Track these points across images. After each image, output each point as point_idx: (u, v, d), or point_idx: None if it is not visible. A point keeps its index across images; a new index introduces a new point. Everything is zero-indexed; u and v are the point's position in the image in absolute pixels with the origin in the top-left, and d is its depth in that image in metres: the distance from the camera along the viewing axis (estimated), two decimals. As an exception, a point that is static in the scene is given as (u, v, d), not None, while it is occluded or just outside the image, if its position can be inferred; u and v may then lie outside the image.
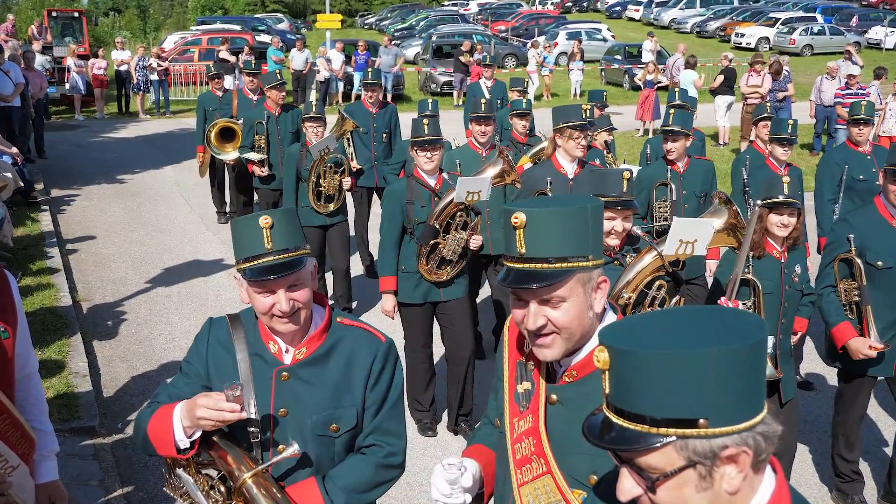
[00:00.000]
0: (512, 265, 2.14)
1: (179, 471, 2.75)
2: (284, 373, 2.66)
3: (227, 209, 12.09)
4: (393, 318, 6.17)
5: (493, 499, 2.50)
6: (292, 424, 2.65)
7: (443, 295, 5.96)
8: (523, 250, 2.10)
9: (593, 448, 2.11)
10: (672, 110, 6.54)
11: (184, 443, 2.57)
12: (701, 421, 1.49)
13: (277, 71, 9.69)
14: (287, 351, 2.69)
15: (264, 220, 2.55)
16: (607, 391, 1.60)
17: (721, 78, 18.56)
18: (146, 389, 6.78)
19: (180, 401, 2.61)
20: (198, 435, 2.57)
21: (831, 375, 6.73)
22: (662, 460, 1.53)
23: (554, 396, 2.26)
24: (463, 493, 2.34)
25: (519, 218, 2.09)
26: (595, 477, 2.16)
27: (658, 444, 1.51)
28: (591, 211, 2.14)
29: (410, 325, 6.09)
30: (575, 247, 2.10)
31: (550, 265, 2.08)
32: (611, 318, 2.29)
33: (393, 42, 26.34)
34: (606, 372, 1.58)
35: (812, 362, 7.22)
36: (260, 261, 2.54)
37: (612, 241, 4.17)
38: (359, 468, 2.69)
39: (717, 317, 1.62)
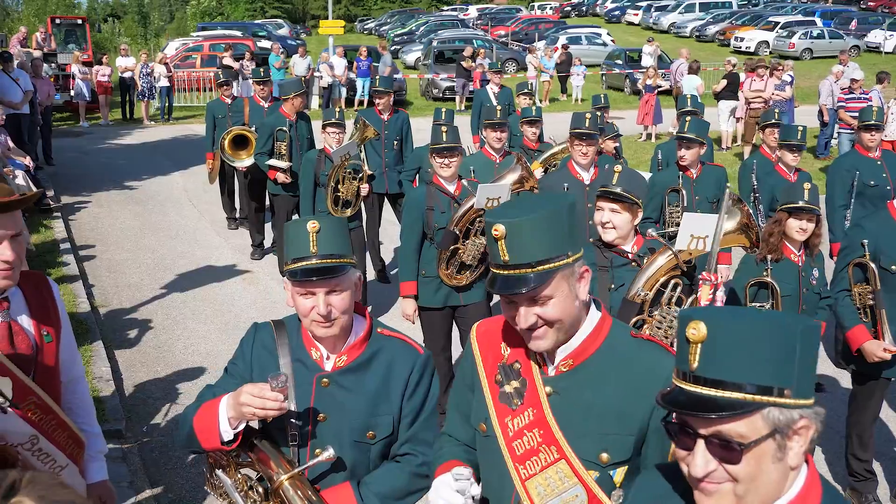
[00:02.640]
0: (498, 272, 2.27)
1: (219, 471, 2.85)
2: (325, 379, 2.75)
3: (237, 215, 12.20)
4: (413, 323, 6.28)
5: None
6: (330, 429, 2.73)
7: (462, 299, 6.07)
8: (507, 258, 2.22)
9: (601, 428, 2.28)
10: (688, 117, 6.65)
11: (228, 434, 2.64)
12: (787, 391, 1.60)
13: (303, 78, 9.74)
14: (328, 358, 2.78)
15: (312, 225, 2.67)
16: (695, 366, 1.66)
17: (724, 82, 18.67)
18: (167, 393, 6.89)
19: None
20: (242, 427, 2.65)
21: (842, 377, 6.84)
22: (750, 428, 1.61)
23: (549, 388, 2.37)
24: (473, 501, 2.38)
25: (499, 229, 2.21)
26: (606, 455, 2.29)
27: (751, 410, 1.60)
28: (566, 209, 2.27)
29: (430, 328, 6.20)
30: (554, 247, 2.23)
31: (534, 269, 2.21)
32: (594, 313, 2.40)
33: (385, 49, 26.33)
34: (698, 346, 1.65)
35: (822, 364, 7.33)
36: (304, 263, 2.65)
37: (606, 236, 4.22)
38: (394, 476, 2.77)
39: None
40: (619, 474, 2.32)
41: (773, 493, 1.67)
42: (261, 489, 2.72)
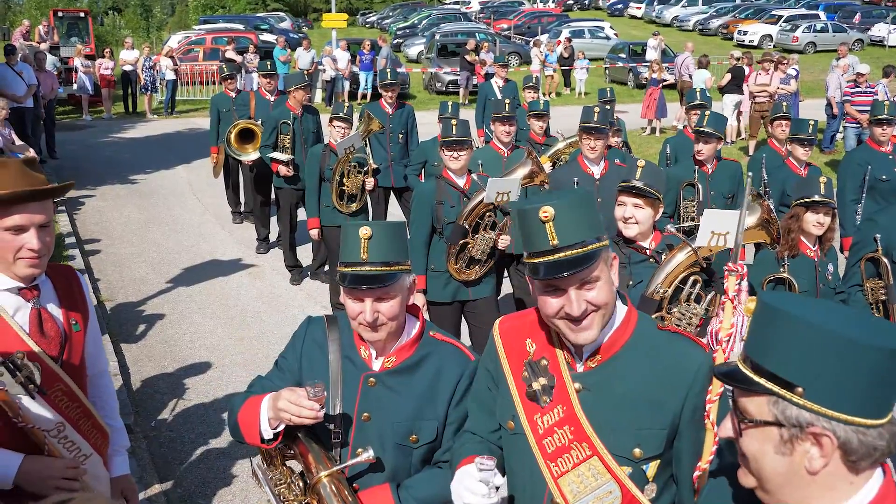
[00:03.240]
0: (542, 259, 2.22)
1: (257, 459, 2.88)
2: (372, 378, 2.72)
3: (242, 209, 12.17)
4: (421, 317, 6.25)
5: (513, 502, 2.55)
6: (373, 430, 2.70)
7: (471, 294, 6.05)
8: (556, 241, 2.20)
9: (634, 423, 2.27)
10: (706, 112, 6.61)
11: (267, 433, 2.64)
12: (798, 388, 1.60)
13: (307, 71, 9.71)
14: (377, 358, 2.76)
15: (364, 231, 2.62)
16: (745, 338, 1.78)
17: (728, 76, 18.62)
18: (175, 388, 6.87)
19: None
20: (281, 427, 2.64)
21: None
22: (755, 408, 1.67)
23: (578, 385, 2.35)
24: (497, 492, 2.36)
25: (548, 211, 2.20)
26: (639, 450, 2.28)
27: (755, 390, 1.66)
28: (591, 196, 2.36)
29: (439, 323, 6.09)
30: (595, 228, 2.25)
31: (585, 248, 2.20)
32: (621, 307, 2.39)
33: (384, 41, 26.24)
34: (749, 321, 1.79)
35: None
36: (354, 269, 2.61)
37: (628, 231, 4.20)
38: (435, 482, 2.71)
39: (873, 319, 1.73)
40: (651, 469, 2.31)
41: (798, 494, 1.66)
42: (301, 484, 2.73)
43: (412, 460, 2.74)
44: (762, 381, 1.64)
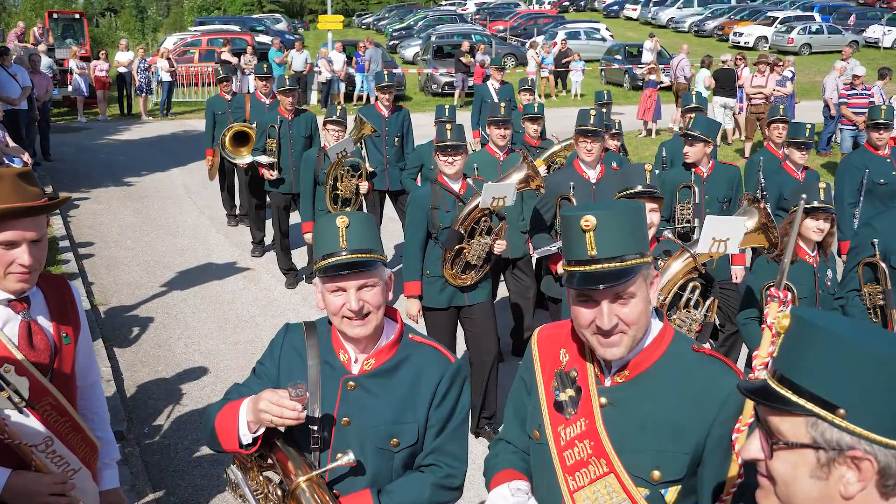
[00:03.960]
0: (580, 269, 2.19)
1: (233, 467, 2.80)
2: (351, 382, 2.68)
3: (237, 212, 12.13)
4: (417, 323, 6.21)
5: None
6: (353, 434, 2.66)
7: (467, 299, 6.01)
8: (594, 252, 2.16)
9: (655, 444, 2.20)
10: (691, 114, 6.58)
11: (246, 437, 2.59)
12: (840, 410, 1.53)
13: (287, 76, 9.69)
14: (356, 361, 2.72)
15: (341, 220, 2.64)
16: (775, 355, 1.71)
17: (711, 80, 18.54)
18: (169, 394, 6.82)
19: None
20: (261, 431, 2.59)
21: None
22: (791, 429, 1.59)
23: (604, 399, 2.30)
24: None
25: (590, 221, 2.16)
26: (658, 473, 2.21)
27: (792, 411, 1.57)
28: (642, 209, 2.29)
29: (435, 329, 6.12)
30: (638, 244, 2.21)
31: (624, 262, 2.16)
32: (656, 323, 2.34)
33: (373, 43, 26.16)
34: (780, 338, 1.69)
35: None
36: (334, 258, 2.61)
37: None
38: (416, 486, 2.69)
39: None
40: (671, 493, 2.25)
41: None
42: (279, 492, 2.68)
43: (393, 464, 2.70)
44: (802, 401, 1.57)
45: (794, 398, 1.57)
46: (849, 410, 1.52)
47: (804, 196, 2.66)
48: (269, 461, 2.71)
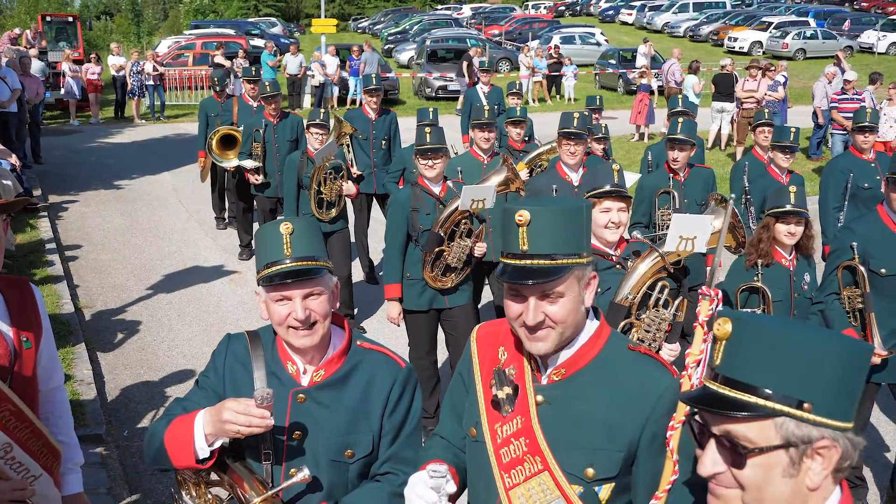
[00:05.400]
0: (512, 262, 2.21)
1: (184, 494, 2.71)
2: (301, 395, 2.61)
3: (226, 215, 12.11)
4: (398, 325, 6.20)
5: None
6: (306, 448, 2.59)
7: (447, 302, 5.99)
8: (525, 247, 2.18)
9: (589, 442, 2.20)
10: (681, 119, 6.56)
11: (204, 451, 2.49)
12: (806, 405, 1.54)
13: (268, 82, 9.67)
14: (305, 372, 2.64)
15: (285, 227, 2.55)
16: (718, 362, 1.64)
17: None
18: (150, 397, 6.79)
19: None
20: (218, 444, 2.51)
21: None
22: (759, 434, 1.57)
23: (540, 397, 2.30)
24: (448, 500, 2.31)
25: (523, 216, 2.17)
26: (592, 471, 2.22)
27: (761, 415, 1.56)
28: (585, 210, 2.27)
29: (415, 331, 6.12)
30: (573, 244, 2.20)
31: (553, 261, 2.17)
32: (592, 322, 2.34)
33: (370, 47, 26.16)
34: (722, 343, 1.64)
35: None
36: (278, 266, 2.53)
37: (612, 236, 4.14)
38: (374, 496, 2.62)
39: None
40: (604, 491, 2.25)
41: None
42: None
43: (349, 476, 2.63)
44: (769, 403, 1.55)
45: (761, 402, 1.56)
46: (814, 403, 1.54)
47: (733, 196, 2.65)
48: (216, 477, 2.62)
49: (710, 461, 1.64)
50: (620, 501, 2.28)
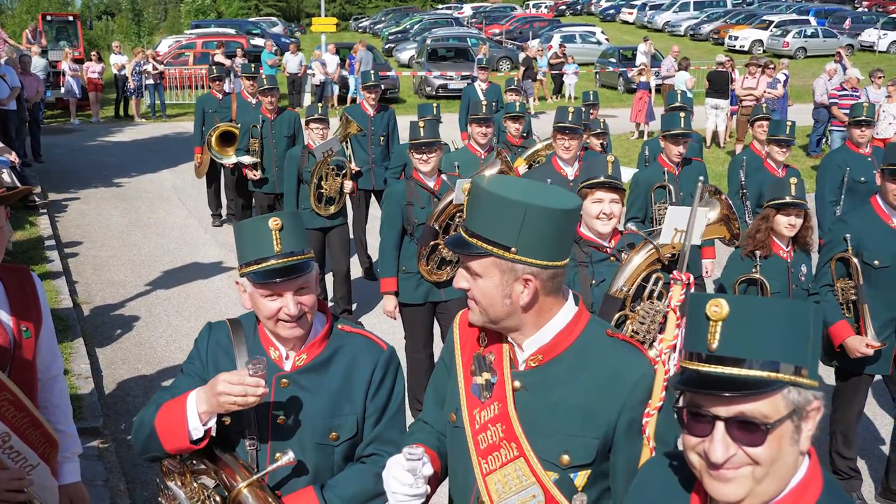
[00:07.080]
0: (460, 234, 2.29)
1: (171, 484, 2.69)
2: (284, 379, 2.62)
3: (223, 212, 12.12)
4: (395, 319, 6.22)
5: (449, 495, 2.51)
6: (291, 432, 2.60)
7: (443, 295, 6.01)
8: (463, 217, 2.23)
9: (564, 429, 2.20)
10: (682, 113, 6.58)
11: (198, 431, 2.49)
12: (804, 370, 1.58)
13: (264, 76, 9.73)
14: (287, 357, 2.66)
15: (274, 222, 2.53)
16: (715, 345, 1.61)
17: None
18: (148, 391, 6.81)
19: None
20: (212, 423, 2.50)
21: (828, 374, 6.76)
22: (772, 408, 1.58)
23: (517, 383, 2.29)
24: (424, 482, 2.31)
25: (465, 189, 2.22)
26: (567, 457, 2.20)
27: (776, 389, 1.57)
28: (560, 214, 2.16)
29: (412, 325, 6.14)
30: (500, 234, 2.13)
31: (473, 238, 2.18)
32: (571, 308, 2.29)
33: (365, 45, 26.16)
34: (718, 325, 1.61)
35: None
36: (268, 263, 2.51)
37: (604, 227, 4.15)
38: (359, 478, 2.64)
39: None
40: (580, 478, 2.23)
41: (787, 479, 1.64)
42: (218, 498, 2.57)
43: (334, 458, 2.66)
44: (785, 376, 1.57)
45: (780, 376, 1.56)
46: (809, 368, 1.59)
47: (701, 178, 2.66)
48: (203, 465, 2.62)
49: (723, 446, 1.59)
50: (597, 488, 2.27)
